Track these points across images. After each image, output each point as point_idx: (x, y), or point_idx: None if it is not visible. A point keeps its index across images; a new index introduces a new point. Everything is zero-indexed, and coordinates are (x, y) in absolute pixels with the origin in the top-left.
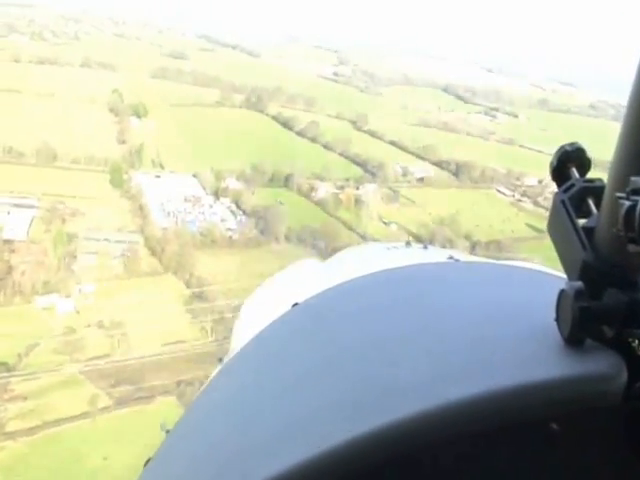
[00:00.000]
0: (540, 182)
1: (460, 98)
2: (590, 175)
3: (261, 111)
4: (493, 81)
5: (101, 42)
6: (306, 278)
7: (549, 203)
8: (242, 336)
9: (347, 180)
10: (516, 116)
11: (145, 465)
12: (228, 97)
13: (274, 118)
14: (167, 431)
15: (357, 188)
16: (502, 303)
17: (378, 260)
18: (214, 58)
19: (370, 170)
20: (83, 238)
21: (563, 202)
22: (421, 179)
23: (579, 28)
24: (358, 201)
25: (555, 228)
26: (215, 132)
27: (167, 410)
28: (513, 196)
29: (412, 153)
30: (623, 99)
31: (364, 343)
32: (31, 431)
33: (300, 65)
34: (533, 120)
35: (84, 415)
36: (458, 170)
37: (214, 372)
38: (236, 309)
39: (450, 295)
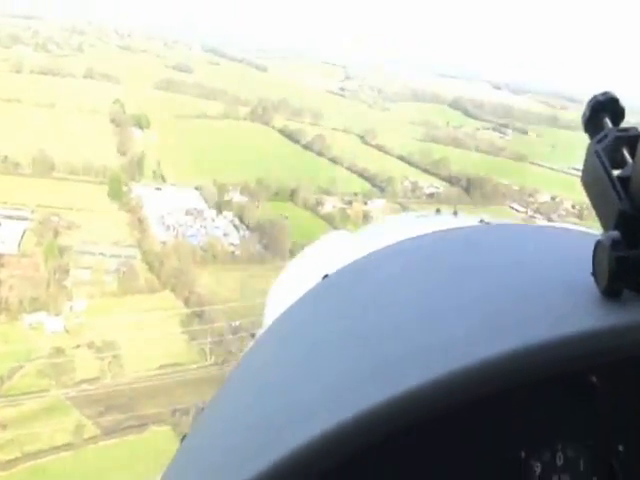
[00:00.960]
0: (553, 199)
1: (468, 114)
2: None
3: (266, 124)
4: (501, 97)
5: (105, 54)
6: (337, 250)
7: (563, 220)
8: (274, 311)
9: (355, 195)
10: (526, 132)
11: (181, 441)
12: (233, 109)
13: (280, 131)
14: (201, 409)
15: (365, 203)
16: (537, 261)
17: (409, 229)
18: (220, 71)
19: (378, 185)
20: (77, 252)
21: (597, 153)
22: (431, 195)
23: (593, 50)
24: (366, 216)
25: (589, 180)
26: (219, 144)
27: (161, 441)
28: (526, 212)
29: (421, 168)
30: (633, 119)
31: (396, 307)
32: (9, 464)
33: (307, 79)
34: (543, 137)
35: (68, 446)
36: (469, 186)
37: (247, 347)
38: (238, 330)
39: (483, 255)
